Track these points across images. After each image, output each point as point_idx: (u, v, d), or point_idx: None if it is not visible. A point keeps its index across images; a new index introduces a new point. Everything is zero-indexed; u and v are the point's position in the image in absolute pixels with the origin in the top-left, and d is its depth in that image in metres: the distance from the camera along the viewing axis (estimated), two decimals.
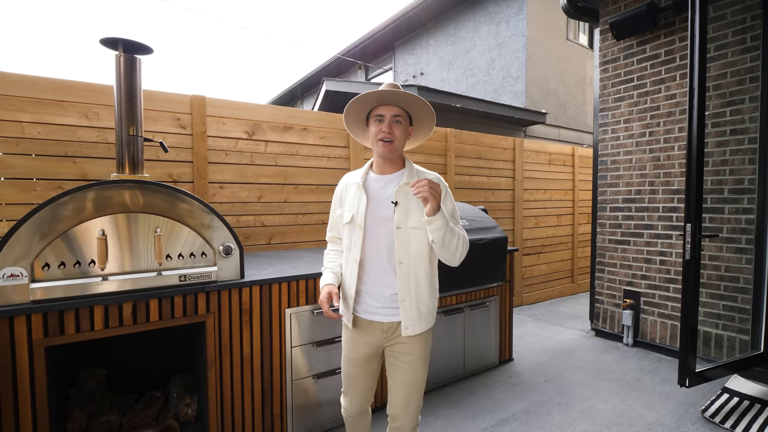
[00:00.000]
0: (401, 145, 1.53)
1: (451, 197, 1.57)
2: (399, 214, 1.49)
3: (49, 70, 33.70)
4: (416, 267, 1.51)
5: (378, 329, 1.55)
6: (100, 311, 1.75)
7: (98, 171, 2.56)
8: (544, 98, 7.28)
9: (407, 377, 1.54)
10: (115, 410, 2.14)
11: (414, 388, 1.55)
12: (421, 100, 1.48)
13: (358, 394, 1.65)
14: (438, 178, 1.56)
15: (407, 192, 1.50)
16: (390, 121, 1.47)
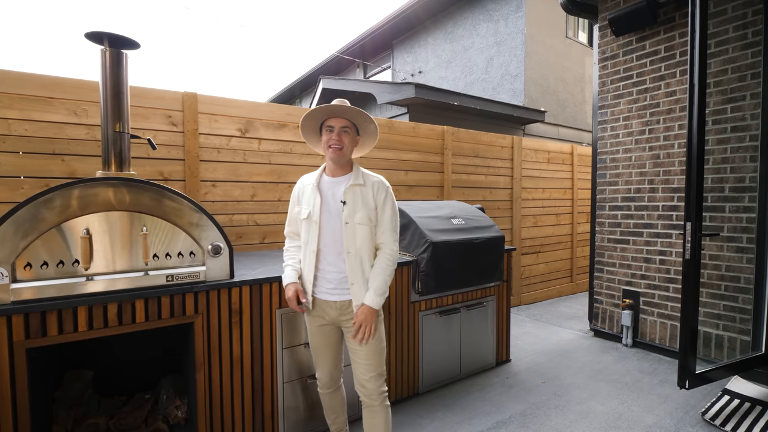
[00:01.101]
0: (349, 152, 1.79)
1: (392, 203, 1.81)
2: (347, 211, 1.74)
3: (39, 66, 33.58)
4: (362, 255, 1.76)
5: (333, 307, 1.80)
6: (84, 312, 1.71)
7: (87, 169, 2.52)
8: (543, 96, 7.23)
9: (363, 349, 1.77)
10: (103, 412, 2.10)
11: (372, 356, 1.78)
12: (365, 114, 1.75)
13: (326, 363, 1.90)
14: (381, 182, 1.81)
15: (354, 193, 1.76)
16: (339, 131, 1.73)
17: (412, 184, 4.04)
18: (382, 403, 1.80)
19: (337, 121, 1.74)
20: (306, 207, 1.80)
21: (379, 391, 1.80)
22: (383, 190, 1.79)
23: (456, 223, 2.92)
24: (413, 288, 2.69)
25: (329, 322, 1.84)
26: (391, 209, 1.81)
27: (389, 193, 1.81)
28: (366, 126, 1.82)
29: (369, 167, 3.69)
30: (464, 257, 2.79)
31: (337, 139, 1.72)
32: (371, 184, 1.79)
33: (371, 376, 1.78)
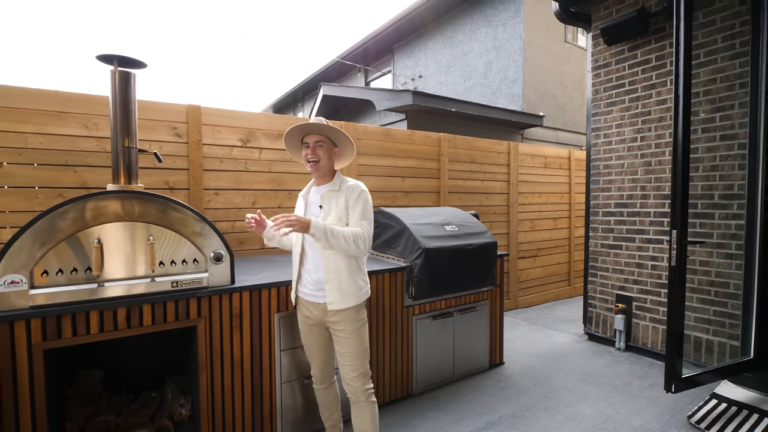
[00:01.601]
0: (327, 163, 1.94)
1: (363, 201, 1.92)
2: (323, 214, 1.92)
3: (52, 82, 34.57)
4: (336, 256, 1.88)
5: (316, 308, 1.95)
6: (96, 316, 1.83)
7: (97, 179, 2.65)
8: (542, 100, 7.31)
9: (345, 348, 1.92)
10: (112, 410, 2.22)
11: (354, 357, 1.92)
12: (337, 130, 1.92)
13: (316, 360, 2.06)
14: (356, 186, 1.94)
15: (329, 197, 1.93)
16: (313, 146, 1.91)
17: (409, 191, 4.14)
18: (367, 399, 1.94)
19: (312, 137, 1.92)
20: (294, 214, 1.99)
21: (364, 389, 1.93)
22: (355, 191, 1.92)
23: (449, 230, 3.02)
24: (407, 293, 2.79)
25: (316, 322, 1.98)
26: (362, 206, 1.91)
27: (362, 195, 1.93)
28: (339, 138, 1.97)
29: (367, 174, 3.81)
30: (457, 263, 2.89)
31: (312, 153, 1.90)
32: (346, 188, 1.94)
33: (355, 375, 1.92)
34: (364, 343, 1.96)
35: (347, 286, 1.90)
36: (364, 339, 1.96)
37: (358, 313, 1.94)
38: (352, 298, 1.92)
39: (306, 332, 2.04)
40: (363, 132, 3.84)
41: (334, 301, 1.88)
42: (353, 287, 1.92)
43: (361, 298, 1.96)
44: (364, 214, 1.92)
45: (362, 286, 1.98)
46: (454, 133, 5.22)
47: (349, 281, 1.91)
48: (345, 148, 2.04)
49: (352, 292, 1.92)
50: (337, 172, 2.03)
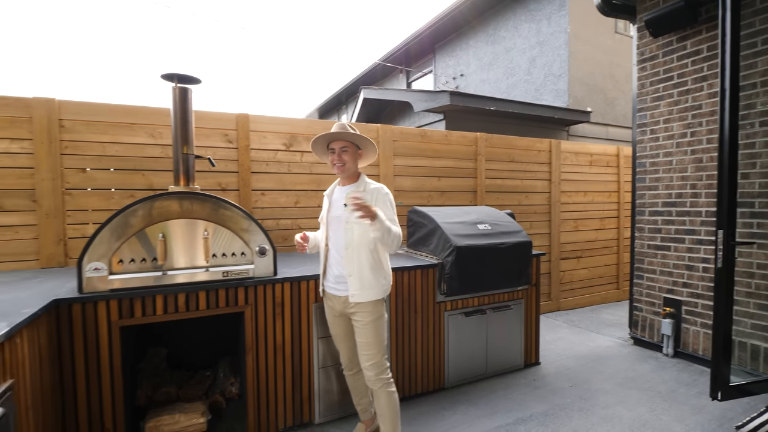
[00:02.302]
0: (352, 166, 2.09)
1: (390, 204, 2.06)
2: (347, 213, 2.03)
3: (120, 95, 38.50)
4: (359, 251, 2.02)
5: (338, 300, 2.10)
6: (161, 300, 2.11)
7: (162, 182, 3.00)
8: (590, 95, 7.02)
9: (362, 338, 2.04)
10: (174, 383, 2.52)
11: (369, 347, 2.04)
12: (359, 136, 2.06)
13: (344, 348, 2.21)
14: (380, 188, 2.08)
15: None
16: (339, 152, 2.06)
17: (445, 190, 4.21)
18: (382, 388, 2.03)
19: (337, 143, 2.08)
20: (321, 212, 2.20)
21: (378, 378, 2.03)
22: (381, 193, 2.06)
23: (482, 229, 3.06)
24: (439, 289, 2.88)
25: (339, 313, 2.13)
26: (391, 208, 2.05)
27: (387, 197, 2.07)
28: (365, 143, 2.11)
29: (402, 174, 3.93)
30: (489, 261, 2.93)
31: (338, 158, 2.06)
32: (371, 190, 2.07)
33: (370, 364, 2.03)
34: (379, 335, 2.06)
35: (368, 280, 2.02)
36: (379, 331, 2.06)
37: (376, 306, 2.05)
38: (372, 292, 2.03)
39: (332, 323, 2.20)
40: (399, 134, 3.96)
41: (356, 293, 2.01)
42: (373, 282, 2.04)
43: (381, 293, 2.06)
44: (394, 215, 2.06)
45: (382, 281, 2.08)
46: (495, 132, 5.19)
47: (370, 276, 2.03)
48: (367, 150, 2.17)
49: (373, 287, 2.03)
50: (362, 174, 2.16)
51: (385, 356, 2.08)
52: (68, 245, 2.84)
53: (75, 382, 1.97)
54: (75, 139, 2.83)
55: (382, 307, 2.10)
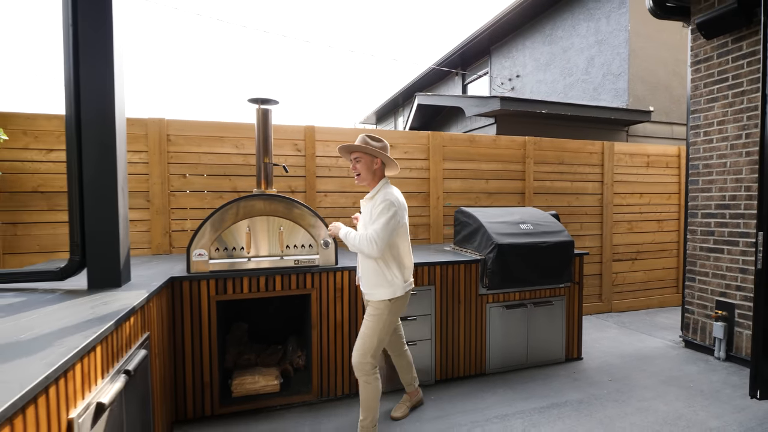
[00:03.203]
0: (367, 174, 2.30)
1: (386, 212, 2.16)
2: (361, 221, 2.39)
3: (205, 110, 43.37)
4: (364, 259, 2.30)
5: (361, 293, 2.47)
6: (246, 281, 2.62)
7: (244, 185, 3.58)
8: (653, 94, 6.75)
9: (362, 328, 2.29)
10: (253, 353, 3.05)
11: (361, 337, 2.27)
12: (367, 147, 2.24)
13: None
14: (384, 197, 2.21)
15: (366, 205, 2.33)
16: (353, 162, 2.32)
17: (493, 192, 4.42)
18: (362, 377, 2.22)
19: (353, 154, 2.30)
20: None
21: (360, 369, 2.22)
22: (381, 202, 2.19)
23: (524, 228, 3.27)
24: (481, 282, 3.14)
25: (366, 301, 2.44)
26: (384, 215, 2.16)
27: (386, 204, 2.17)
28: (375, 152, 2.24)
29: (451, 177, 4.22)
30: (529, 259, 3.14)
31: (354, 168, 2.32)
32: (377, 198, 2.24)
33: (356, 353, 2.24)
34: (372, 335, 2.22)
35: (372, 283, 2.26)
36: (375, 330, 2.22)
37: (381, 306, 2.23)
38: (377, 293, 2.25)
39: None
40: (449, 139, 4.26)
41: (366, 291, 2.34)
42: (377, 284, 2.24)
43: (388, 295, 2.22)
44: (382, 221, 2.15)
45: (387, 286, 2.22)
46: (548, 134, 5.30)
47: (374, 279, 2.25)
48: (386, 159, 2.29)
49: (377, 287, 2.25)
50: (382, 180, 2.31)
51: (372, 356, 2.23)
52: (172, 237, 3.51)
53: (183, 342, 2.54)
54: (178, 150, 3.49)
55: (387, 309, 2.23)
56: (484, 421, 2.54)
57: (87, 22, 2.01)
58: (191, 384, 2.55)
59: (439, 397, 2.84)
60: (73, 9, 1.99)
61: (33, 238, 3.19)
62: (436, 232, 4.19)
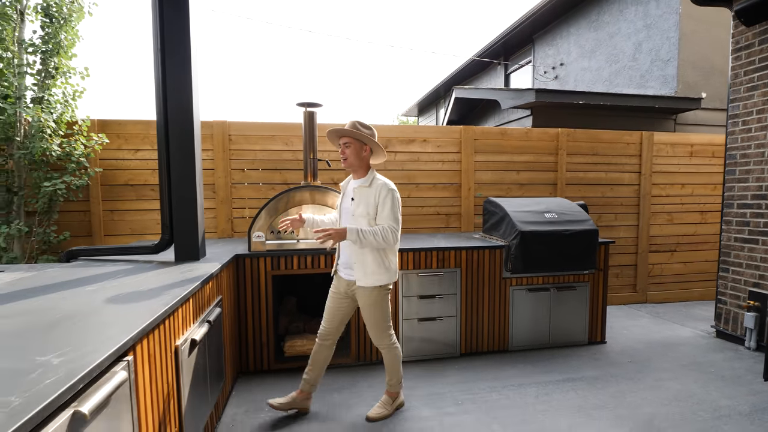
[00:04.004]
0: (355, 160, 2.29)
1: (391, 200, 2.24)
2: (353, 206, 2.31)
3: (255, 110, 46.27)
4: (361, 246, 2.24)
5: (342, 282, 2.41)
6: (296, 259, 3.09)
7: (293, 178, 4.06)
8: (706, 79, 6.44)
9: (366, 319, 2.39)
10: (301, 321, 3.55)
11: (371, 328, 2.39)
12: (356, 132, 2.25)
13: (327, 321, 2.47)
14: (384, 184, 2.27)
15: (360, 192, 2.29)
16: (342, 147, 2.31)
17: (524, 183, 4.60)
18: (386, 348, 2.45)
19: (342, 139, 2.30)
20: (337, 201, 2.51)
21: (382, 344, 2.43)
22: (384, 190, 2.23)
23: (548, 217, 3.47)
24: (505, 267, 3.40)
25: (342, 293, 2.42)
26: (390, 203, 2.22)
27: (390, 193, 2.23)
28: (363, 138, 2.26)
29: (483, 169, 4.46)
30: (552, 245, 3.35)
31: (342, 152, 2.31)
32: (376, 186, 2.26)
33: (374, 336, 2.43)
34: (380, 319, 2.36)
35: (370, 268, 2.27)
36: (381, 315, 2.35)
37: (378, 292, 2.31)
38: (374, 278, 2.27)
39: (330, 296, 2.47)
40: (480, 133, 4.48)
41: (359, 279, 2.29)
42: (376, 270, 2.27)
43: (385, 280, 2.29)
44: (393, 210, 2.23)
45: (385, 271, 2.29)
46: (589, 124, 5.33)
47: (373, 265, 2.27)
48: (375, 147, 2.31)
49: (375, 273, 2.27)
50: (371, 169, 2.35)
51: (387, 327, 2.40)
52: (233, 222, 4.08)
53: (246, 308, 3.06)
54: (237, 148, 4.03)
55: (384, 294, 2.34)
56: (502, 387, 2.84)
57: (172, 41, 2.51)
58: (252, 343, 3.08)
59: (463, 368, 3.17)
60: (161, 32, 2.50)
61: (126, 223, 3.88)
62: (467, 221, 4.46)
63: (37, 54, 3.30)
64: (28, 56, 3.28)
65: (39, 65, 3.33)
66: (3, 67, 3.17)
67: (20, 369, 1.04)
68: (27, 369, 1.04)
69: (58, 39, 3.28)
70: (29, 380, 0.97)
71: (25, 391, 0.92)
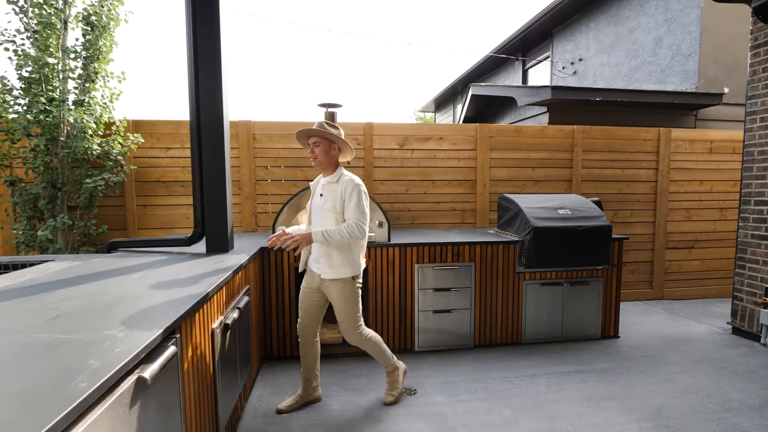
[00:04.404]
0: (324, 159, 2.35)
1: (357, 195, 2.29)
2: (322, 202, 2.37)
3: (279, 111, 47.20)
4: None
5: (314, 276, 2.45)
6: None
7: (313, 175, 4.23)
8: (729, 74, 6.32)
9: (337, 312, 2.44)
10: None
11: (342, 321, 2.43)
12: (324, 131, 2.31)
13: (303, 317, 2.53)
14: (351, 180, 2.33)
15: (329, 188, 2.36)
16: (312, 146, 2.37)
17: (539, 179, 4.66)
18: (360, 341, 2.49)
19: (311, 138, 2.36)
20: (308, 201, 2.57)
21: (354, 339, 2.47)
22: (350, 185, 2.29)
23: (561, 213, 3.54)
24: (519, 261, 3.49)
25: (313, 288, 2.46)
26: (357, 198, 2.27)
27: (355, 188, 2.29)
28: (331, 137, 2.33)
29: (498, 166, 4.54)
30: (565, 241, 3.42)
31: (311, 152, 2.37)
32: (342, 182, 2.32)
33: (348, 336, 2.47)
34: (350, 312, 2.40)
35: (336, 262, 2.33)
36: (351, 308, 2.40)
37: (345, 285, 2.36)
38: (340, 271, 2.33)
39: (303, 293, 2.52)
40: (496, 131, 4.56)
41: (326, 271, 2.35)
42: (341, 263, 2.33)
43: (350, 273, 2.34)
44: (359, 204, 2.28)
45: (350, 264, 2.34)
46: (606, 121, 5.34)
47: (339, 259, 2.33)
48: (344, 146, 2.38)
49: (341, 266, 2.33)
50: (340, 166, 2.41)
51: (358, 324, 2.45)
52: (257, 217, 4.27)
53: (270, 297, 3.25)
54: (261, 146, 4.22)
55: (353, 285, 2.39)
56: (514, 377, 2.95)
57: (204, 53, 2.69)
58: (276, 330, 3.27)
59: (477, 358, 3.29)
60: (194, 42, 2.68)
61: (157, 217, 4.13)
62: (482, 217, 4.55)
63: (78, 59, 3.55)
64: (71, 62, 3.53)
65: (80, 70, 3.58)
66: (48, 72, 3.42)
67: (93, 340, 1.22)
68: (98, 340, 1.22)
69: (98, 45, 3.51)
70: (102, 348, 1.15)
71: (101, 357, 1.09)
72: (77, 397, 0.89)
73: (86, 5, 3.54)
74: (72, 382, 0.95)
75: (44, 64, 3.37)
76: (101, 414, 0.97)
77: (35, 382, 0.96)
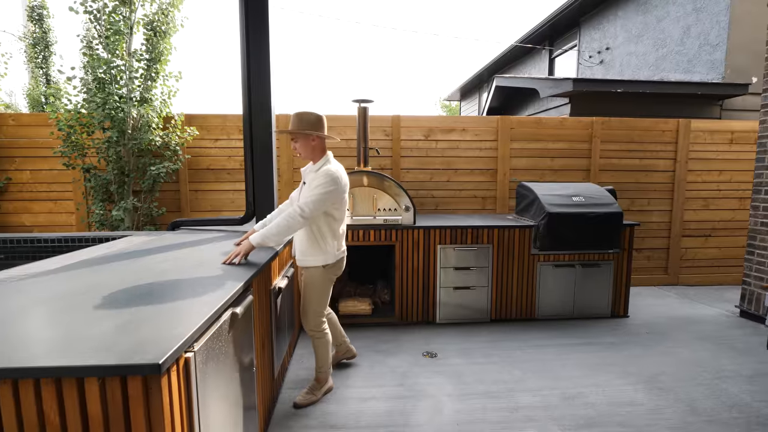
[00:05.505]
0: (304, 151, 2.35)
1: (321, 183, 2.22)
2: (305, 189, 2.34)
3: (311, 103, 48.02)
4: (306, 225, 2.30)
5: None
6: (349, 233, 3.65)
7: (346, 164, 4.53)
8: (758, 63, 6.26)
9: (303, 295, 2.49)
10: (352, 287, 4.15)
11: (304, 308, 2.48)
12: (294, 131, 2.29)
13: None
14: (326, 170, 2.28)
15: (309, 177, 2.34)
16: (293, 143, 2.38)
17: (558, 169, 4.89)
18: (313, 336, 2.52)
19: (290, 135, 2.34)
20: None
21: (311, 328, 2.49)
22: (322, 175, 2.25)
23: (575, 200, 3.81)
24: (533, 244, 3.80)
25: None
26: (321, 186, 2.21)
27: (326, 177, 2.23)
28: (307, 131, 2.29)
29: (518, 156, 4.81)
30: (578, 226, 3.69)
31: (293, 147, 2.37)
32: (322, 171, 2.28)
33: (306, 322, 2.50)
34: (313, 301, 2.43)
35: (306, 250, 2.38)
36: (314, 298, 2.43)
37: (314, 273, 2.40)
38: (309, 260, 2.38)
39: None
40: (516, 122, 4.81)
41: (299, 258, 2.44)
42: (309, 252, 2.37)
43: (320, 262, 2.36)
44: (314, 191, 2.21)
45: (320, 253, 2.35)
46: (628, 111, 5.49)
47: (308, 247, 2.37)
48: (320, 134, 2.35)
49: (310, 255, 2.38)
50: (325, 155, 2.40)
51: (321, 316, 2.49)
52: None
53: None
54: None
55: (321, 275, 2.40)
56: (526, 346, 3.30)
57: (255, 42, 3.10)
58: None
59: (492, 331, 3.64)
60: (246, 43, 3.09)
61: (207, 201, 4.63)
62: (501, 203, 4.85)
63: (141, 61, 4.04)
64: (135, 63, 4.03)
65: (142, 71, 4.07)
66: (116, 73, 3.93)
67: (196, 285, 1.66)
68: (200, 285, 1.66)
69: (159, 49, 3.99)
70: (206, 290, 1.59)
71: (209, 296, 1.52)
72: (202, 318, 1.30)
73: (146, 12, 4.01)
74: (194, 308, 1.38)
75: (114, 66, 3.87)
76: (213, 333, 1.40)
77: (177, 306, 1.40)
